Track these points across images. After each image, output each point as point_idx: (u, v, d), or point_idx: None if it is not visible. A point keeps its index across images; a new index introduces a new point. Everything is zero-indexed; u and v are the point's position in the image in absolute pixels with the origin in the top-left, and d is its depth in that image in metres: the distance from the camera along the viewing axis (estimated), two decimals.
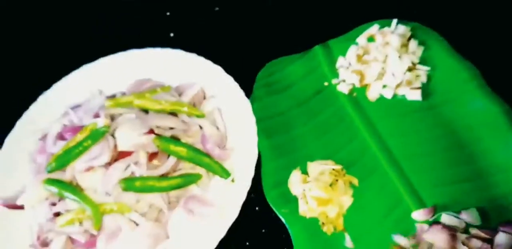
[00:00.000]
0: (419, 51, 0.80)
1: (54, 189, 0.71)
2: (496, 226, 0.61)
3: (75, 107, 0.85)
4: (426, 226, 0.64)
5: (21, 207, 0.75)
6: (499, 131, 0.69)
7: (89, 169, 0.72)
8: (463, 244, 0.60)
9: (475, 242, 0.60)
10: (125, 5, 1.07)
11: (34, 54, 1.04)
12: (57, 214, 0.73)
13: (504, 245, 0.58)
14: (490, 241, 0.60)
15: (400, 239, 0.64)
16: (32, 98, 0.87)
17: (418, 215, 0.65)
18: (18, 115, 0.86)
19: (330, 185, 0.69)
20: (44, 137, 0.82)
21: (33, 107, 0.87)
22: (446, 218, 0.64)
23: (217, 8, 1.01)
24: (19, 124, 0.85)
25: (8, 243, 0.75)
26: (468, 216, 0.63)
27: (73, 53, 0.99)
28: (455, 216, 0.64)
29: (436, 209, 0.65)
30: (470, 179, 0.67)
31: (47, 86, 0.89)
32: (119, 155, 0.73)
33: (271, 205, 0.71)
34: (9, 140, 0.83)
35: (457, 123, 0.72)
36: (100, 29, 1.04)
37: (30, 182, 0.75)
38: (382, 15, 0.85)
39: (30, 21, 1.11)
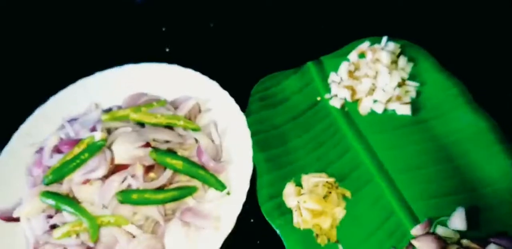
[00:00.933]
0: (408, 67, 0.83)
1: (51, 201, 0.71)
2: (486, 237, 0.63)
3: (72, 121, 0.86)
4: None
5: (17, 220, 0.76)
6: (486, 145, 0.72)
7: (86, 181, 0.73)
8: None
9: None
10: (121, 20, 1.09)
11: (31, 68, 1.06)
12: (54, 227, 0.73)
13: None
14: None
15: None
16: (29, 111, 0.88)
17: (417, 230, 0.66)
18: (15, 128, 0.87)
19: (324, 197, 0.71)
20: (40, 150, 0.83)
21: (30, 120, 0.88)
22: (441, 230, 0.65)
23: (212, 24, 1.04)
24: (16, 137, 0.86)
25: None
26: (457, 217, 0.65)
27: (70, 68, 1.00)
28: (447, 226, 0.66)
29: (432, 222, 0.67)
30: (459, 192, 0.69)
31: (44, 99, 0.90)
32: (116, 168, 0.74)
33: (266, 217, 0.72)
34: (5, 153, 0.84)
35: (445, 137, 0.75)
36: (97, 44, 1.06)
37: (27, 194, 0.75)
38: (373, 33, 0.88)
39: (27, 36, 1.12)
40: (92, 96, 0.90)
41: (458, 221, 0.65)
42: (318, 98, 0.85)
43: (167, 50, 1.01)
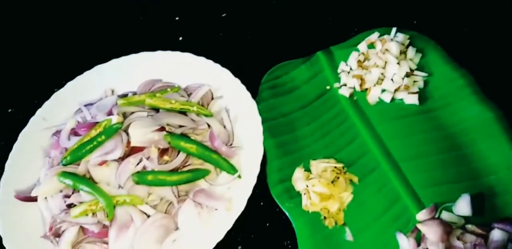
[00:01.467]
0: (417, 58, 0.84)
1: (69, 181, 0.74)
2: (490, 223, 0.64)
3: (88, 105, 0.88)
4: None
5: (34, 199, 0.78)
6: (492, 134, 0.74)
7: (103, 163, 0.75)
8: (458, 239, 0.64)
9: (470, 237, 0.63)
10: (136, 9, 1.11)
11: (49, 54, 1.08)
12: (70, 206, 0.75)
13: (499, 241, 0.62)
14: (484, 237, 0.63)
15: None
16: (46, 96, 0.91)
17: (422, 215, 0.68)
18: (32, 112, 0.89)
19: (332, 182, 0.73)
20: (57, 133, 0.85)
21: (46, 105, 0.90)
22: (446, 215, 0.67)
23: (224, 14, 1.06)
24: (33, 120, 0.88)
25: (20, 234, 0.77)
26: (463, 203, 0.67)
27: (86, 54, 1.03)
28: (452, 212, 0.68)
29: (437, 208, 0.69)
30: (464, 179, 0.71)
31: (61, 85, 0.92)
32: (132, 150, 0.76)
33: (276, 200, 0.74)
34: (22, 135, 0.86)
35: (452, 126, 0.77)
36: (113, 32, 1.09)
37: (45, 175, 0.78)
38: (382, 24, 0.90)
39: (47, 22, 1.14)
40: (108, 82, 0.92)
41: (463, 207, 0.67)
42: (328, 87, 0.87)
43: (180, 39, 1.03)
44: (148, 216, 0.73)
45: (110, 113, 0.81)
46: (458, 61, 0.82)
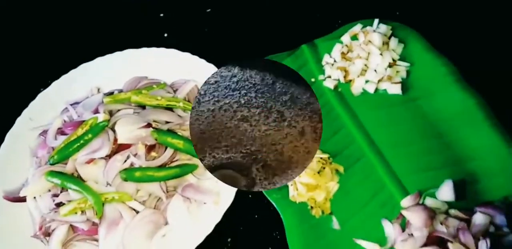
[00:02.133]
0: (399, 48, 0.85)
1: (57, 180, 0.74)
2: (473, 208, 0.66)
3: (74, 104, 0.88)
4: None
5: (23, 200, 0.78)
6: (474, 121, 0.75)
7: (90, 161, 0.76)
8: (442, 223, 0.65)
9: (453, 222, 0.64)
10: (120, 6, 1.11)
11: (34, 54, 1.08)
12: (59, 205, 0.76)
13: (481, 224, 0.63)
14: (467, 221, 0.64)
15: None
16: (32, 96, 0.91)
17: (407, 202, 0.69)
18: (18, 113, 0.89)
19: (318, 172, 0.74)
20: (44, 133, 0.85)
21: (32, 105, 0.90)
22: (430, 201, 0.69)
23: (208, 10, 1.06)
24: (19, 120, 0.88)
25: (10, 235, 0.77)
26: (446, 189, 0.68)
27: (71, 53, 1.03)
28: (435, 197, 0.69)
29: (421, 194, 0.70)
30: (447, 166, 0.72)
31: (47, 84, 0.92)
32: (119, 148, 0.76)
33: (263, 192, 0.75)
34: (9, 136, 0.86)
35: (435, 114, 0.78)
36: (97, 30, 1.08)
37: (32, 174, 0.78)
38: (366, 16, 0.90)
39: (30, 21, 1.14)
40: (94, 80, 0.92)
41: (446, 192, 0.68)
42: (312, 80, 0.88)
43: (166, 35, 1.04)
44: (137, 212, 0.73)
45: (96, 111, 0.82)
46: (440, 50, 0.83)
